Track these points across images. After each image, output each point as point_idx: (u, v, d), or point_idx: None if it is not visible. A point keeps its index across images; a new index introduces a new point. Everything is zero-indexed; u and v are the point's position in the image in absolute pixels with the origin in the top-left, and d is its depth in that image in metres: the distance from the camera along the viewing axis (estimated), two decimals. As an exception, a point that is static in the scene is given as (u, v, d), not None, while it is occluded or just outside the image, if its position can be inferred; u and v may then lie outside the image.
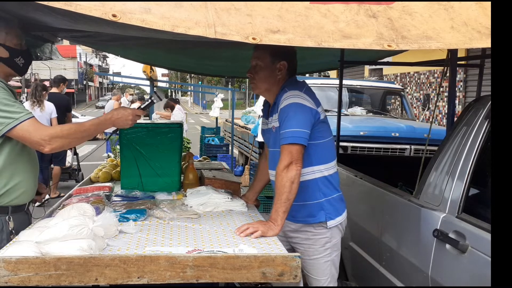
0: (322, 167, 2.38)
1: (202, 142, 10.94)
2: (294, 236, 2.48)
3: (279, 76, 2.40)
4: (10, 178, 2.12)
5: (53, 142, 2.03)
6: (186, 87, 33.92)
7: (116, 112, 2.22)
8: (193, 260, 1.69)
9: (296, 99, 2.27)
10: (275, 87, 2.41)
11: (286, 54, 2.39)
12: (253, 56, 2.43)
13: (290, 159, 2.19)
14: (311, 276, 2.44)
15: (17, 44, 2.19)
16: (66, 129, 2.09)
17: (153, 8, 1.60)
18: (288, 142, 2.21)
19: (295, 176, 2.19)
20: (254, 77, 2.42)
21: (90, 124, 2.16)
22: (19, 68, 2.24)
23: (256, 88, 2.46)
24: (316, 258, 2.40)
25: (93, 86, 72.22)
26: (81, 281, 1.63)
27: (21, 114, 2.02)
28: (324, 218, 2.36)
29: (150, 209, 2.40)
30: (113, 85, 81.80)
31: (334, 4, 1.76)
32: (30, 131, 2.01)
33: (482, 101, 2.35)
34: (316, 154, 2.35)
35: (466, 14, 1.80)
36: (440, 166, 2.39)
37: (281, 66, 2.38)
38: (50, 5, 1.53)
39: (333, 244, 2.40)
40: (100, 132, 2.17)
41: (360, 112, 7.30)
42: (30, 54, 2.34)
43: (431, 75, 12.08)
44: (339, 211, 2.41)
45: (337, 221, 2.39)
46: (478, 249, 1.91)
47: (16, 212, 2.17)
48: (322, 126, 2.36)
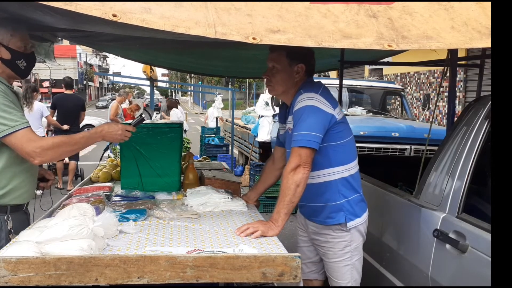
0: (342, 168, 2.34)
1: (202, 142, 10.95)
2: (315, 238, 2.47)
3: (297, 78, 2.36)
4: (10, 179, 2.12)
5: (44, 154, 2.05)
6: (186, 87, 33.92)
7: (107, 127, 2.26)
8: (193, 260, 1.69)
9: (311, 101, 2.23)
10: (292, 89, 2.38)
11: (304, 56, 2.35)
12: (269, 58, 2.38)
13: (299, 161, 2.17)
14: (332, 279, 2.43)
15: (20, 47, 2.20)
16: (57, 142, 2.11)
17: (153, 8, 1.59)
18: (298, 145, 2.19)
19: (301, 180, 2.17)
20: (271, 80, 2.38)
21: (80, 137, 2.19)
22: (20, 71, 2.25)
23: (273, 90, 2.42)
24: (335, 262, 2.38)
25: (93, 86, 72.17)
26: (81, 281, 1.63)
27: (16, 123, 2.02)
28: (344, 219, 2.32)
29: (150, 209, 2.40)
30: (113, 85, 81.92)
31: (334, 4, 1.76)
32: (23, 141, 2.02)
33: (482, 101, 2.35)
34: (336, 156, 2.32)
35: (466, 14, 1.80)
36: (440, 166, 2.38)
37: (299, 68, 2.35)
38: (50, 5, 1.53)
39: (354, 248, 2.36)
40: (90, 144, 2.23)
41: (360, 112, 7.30)
42: (34, 57, 2.35)
43: (431, 75, 12.07)
44: (359, 213, 2.36)
45: (357, 223, 2.34)
46: (478, 249, 1.91)
47: (15, 212, 2.17)
48: (340, 127, 2.32)
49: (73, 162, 8.22)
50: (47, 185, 2.50)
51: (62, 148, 2.12)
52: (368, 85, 8.12)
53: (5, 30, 2.16)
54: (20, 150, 2.04)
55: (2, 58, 2.17)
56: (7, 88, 2.13)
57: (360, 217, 2.36)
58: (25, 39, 2.24)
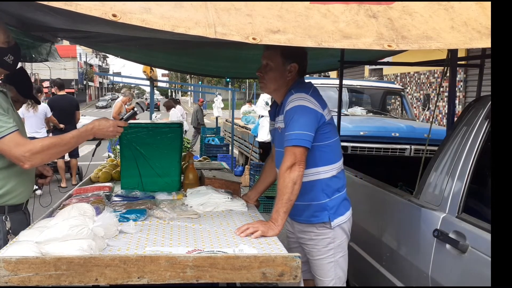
0: (327, 168, 2.38)
1: (202, 142, 10.94)
2: (300, 236, 2.50)
3: (289, 77, 2.40)
4: (7, 180, 2.11)
5: (33, 158, 2.00)
6: (186, 87, 33.89)
7: (98, 123, 2.20)
8: (193, 260, 1.69)
9: (301, 101, 2.27)
10: (284, 88, 2.42)
11: (297, 56, 2.40)
12: (263, 55, 2.43)
13: (294, 160, 2.20)
14: (316, 277, 2.46)
15: (4, 41, 2.12)
16: (47, 145, 2.04)
17: (153, 8, 1.60)
18: (292, 144, 2.22)
19: (298, 177, 2.19)
20: (264, 77, 2.43)
21: (70, 137, 2.12)
22: (9, 66, 2.19)
23: (265, 87, 2.47)
24: (319, 259, 2.41)
25: (93, 86, 72.16)
26: (81, 281, 1.63)
27: (2, 128, 1.96)
28: (327, 218, 2.37)
29: (150, 209, 2.40)
30: (113, 85, 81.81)
31: (334, 4, 1.76)
32: (11, 146, 1.97)
33: (482, 101, 2.35)
34: (321, 156, 2.35)
35: (466, 14, 1.80)
36: (440, 166, 2.38)
37: (292, 68, 2.39)
38: (50, 5, 1.53)
39: (337, 245, 2.40)
40: (82, 143, 2.19)
41: (360, 112, 7.30)
42: (18, 48, 2.27)
43: (431, 75, 12.07)
44: (342, 212, 2.41)
45: (341, 221, 2.39)
46: (478, 249, 1.91)
47: (13, 212, 2.16)
48: (327, 128, 2.36)
49: (74, 159, 8.45)
50: (45, 181, 2.48)
51: (52, 150, 2.06)
52: (368, 85, 8.12)
53: None
54: (9, 154, 1.99)
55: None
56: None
57: (343, 215, 2.40)
58: (6, 33, 2.15)
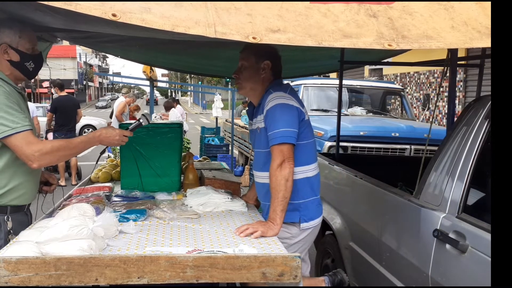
0: (302, 168, 2.39)
1: (202, 142, 10.93)
2: None
3: (263, 75, 2.44)
4: (10, 179, 2.12)
5: (42, 158, 2.05)
6: (186, 87, 33.93)
7: (105, 131, 2.28)
8: (193, 260, 1.69)
9: (281, 99, 2.31)
10: (259, 86, 2.45)
11: (270, 54, 2.45)
12: (239, 58, 2.48)
13: (282, 157, 2.22)
14: None
15: (29, 48, 2.22)
16: (57, 147, 2.11)
17: (153, 8, 1.59)
18: (278, 142, 2.24)
19: (289, 174, 2.21)
20: (239, 77, 2.47)
21: (79, 141, 2.20)
22: (29, 72, 2.27)
23: (242, 88, 2.50)
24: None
25: (93, 86, 72.21)
26: (81, 281, 1.63)
27: (18, 124, 2.02)
28: (298, 219, 2.38)
29: (150, 209, 2.40)
30: (113, 85, 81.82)
31: (334, 4, 1.76)
32: (23, 143, 2.02)
33: (482, 101, 2.34)
34: (297, 155, 2.35)
35: (466, 14, 1.80)
36: (440, 166, 2.38)
37: (265, 65, 2.43)
38: (50, 4, 1.53)
39: (303, 242, 2.42)
40: (88, 148, 2.28)
41: (360, 112, 7.30)
42: (41, 58, 2.36)
43: (431, 75, 12.08)
44: (314, 216, 2.43)
45: (311, 225, 2.42)
46: (478, 249, 1.91)
47: (15, 213, 2.17)
48: (305, 127, 2.39)
49: (74, 158, 8.55)
50: (50, 189, 2.51)
51: (61, 152, 2.13)
52: (368, 85, 8.13)
53: (13, 32, 2.17)
54: (20, 152, 2.04)
55: (11, 60, 2.18)
56: (12, 89, 2.14)
57: (314, 220, 2.43)
58: (33, 40, 2.26)
